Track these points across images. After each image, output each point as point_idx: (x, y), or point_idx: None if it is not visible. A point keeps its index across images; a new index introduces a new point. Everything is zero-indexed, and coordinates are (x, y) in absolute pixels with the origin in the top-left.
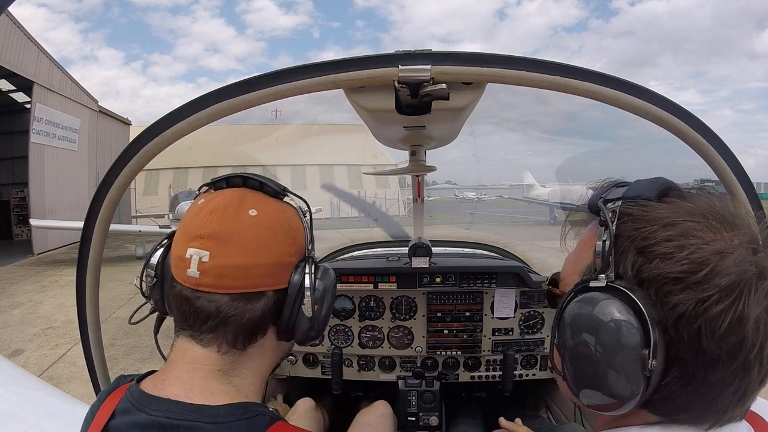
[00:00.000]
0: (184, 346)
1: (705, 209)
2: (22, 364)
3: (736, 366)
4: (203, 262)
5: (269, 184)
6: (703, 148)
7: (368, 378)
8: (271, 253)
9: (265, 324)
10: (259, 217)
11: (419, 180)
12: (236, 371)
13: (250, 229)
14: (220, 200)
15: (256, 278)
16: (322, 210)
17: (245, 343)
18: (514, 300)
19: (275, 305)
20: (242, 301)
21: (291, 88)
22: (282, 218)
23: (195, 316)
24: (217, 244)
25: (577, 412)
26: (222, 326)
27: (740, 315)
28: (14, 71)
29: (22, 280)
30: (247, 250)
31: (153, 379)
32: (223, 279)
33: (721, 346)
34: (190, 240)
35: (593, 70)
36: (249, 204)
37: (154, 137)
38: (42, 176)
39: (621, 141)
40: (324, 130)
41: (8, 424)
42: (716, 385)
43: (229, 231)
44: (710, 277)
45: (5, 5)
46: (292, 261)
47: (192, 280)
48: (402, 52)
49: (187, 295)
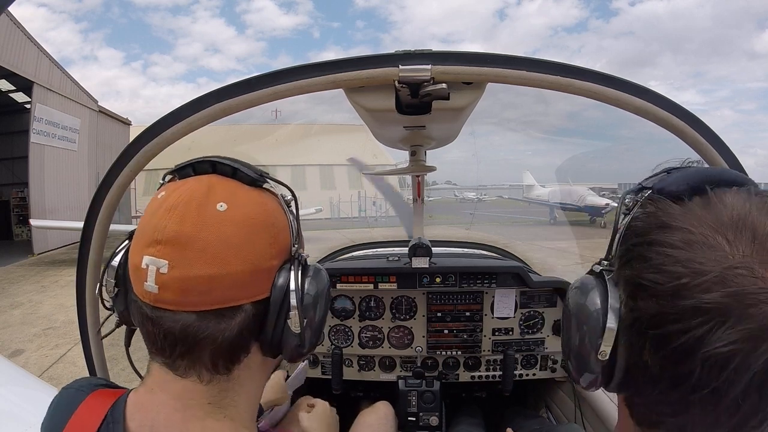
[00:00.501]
0: (162, 377)
1: (727, 218)
2: (22, 364)
3: (676, 398)
4: (161, 273)
5: (243, 169)
6: (704, 148)
7: (368, 378)
8: (246, 258)
9: (246, 342)
10: (230, 213)
11: (419, 180)
12: (228, 401)
13: (218, 229)
14: (182, 193)
15: (228, 291)
16: (322, 210)
17: (228, 366)
18: (514, 300)
19: (255, 319)
20: (213, 320)
21: (291, 88)
22: (259, 212)
23: (162, 339)
24: (177, 251)
25: (577, 412)
26: (194, 351)
27: (693, 345)
28: (14, 71)
29: (22, 280)
30: (215, 256)
31: (137, 416)
32: (187, 294)
33: (662, 368)
34: (146, 246)
35: (594, 70)
36: (217, 196)
37: (154, 137)
38: (42, 176)
39: (621, 141)
40: (324, 130)
41: (8, 424)
42: (658, 408)
43: (191, 234)
44: (677, 295)
45: (5, 5)
46: (273, 264)
47: (151, 296)
48: (402, 52)
49: (148, 313)
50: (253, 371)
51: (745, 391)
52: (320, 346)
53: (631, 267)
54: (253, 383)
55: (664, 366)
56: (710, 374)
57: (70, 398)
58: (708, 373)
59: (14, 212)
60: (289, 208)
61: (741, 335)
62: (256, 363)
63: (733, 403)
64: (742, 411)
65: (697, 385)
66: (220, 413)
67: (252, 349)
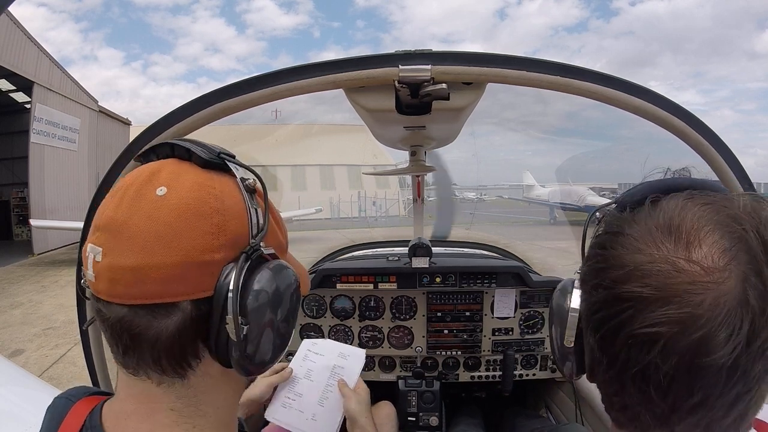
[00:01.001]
0: (123, 379)
1: (661, 221)
2: (22, 364)
3: (614, 377)
4: (96, 261)
5: (198, 150)
6: (704, 148)
7: (368, 378)
8: (178, 248)
9: (191, 346)
10: (167, 198)
11: (419, 180)
12: (192, 409)
13: (150, 215)
14: (128, 177)
15: (156, 284)
16: (322, 210)
17: (176, 368)
18: (514, 300)
19: (198, 321)
20: (145, 316)
21: (291, 88)
22: (202, 196)
23: (107, 331)
24: (109, 238)
25: (578, 412)
26: (134, 347)
27: (618, 328)
28: (14, 71)
29: (22, 280)
30: (142, 245)
31: (111, 423)
32: (115, 285)
33: (600, 349)
34: (91, 233)
35: (594, 70)
36: (160, 180)
37: (154, 137)
38: (42, 176)
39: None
40: (324, 131)
41: (8, 424)
42: (606, 389)
43: (122, 220)
44: (607, 287)
45: (5, 5)
46: (215, 258)
47: (91, 285)
48: (402, 52)
49: (95, 304)
50: (214, 380)
51: (674, 373)
52: None
53: (587, 266)
54: (220, 393)
55: (602, 347)
56: (637, 354)
57: (61, 407)
58: (635, 353)
59: (14, 212)
60: (253, 194)
61: (665, 319)
62: (216, 372)
63: (663, 383)
64: (673, 392)
65: (625, 364)
66: (188, 423)
67: (204, 356)
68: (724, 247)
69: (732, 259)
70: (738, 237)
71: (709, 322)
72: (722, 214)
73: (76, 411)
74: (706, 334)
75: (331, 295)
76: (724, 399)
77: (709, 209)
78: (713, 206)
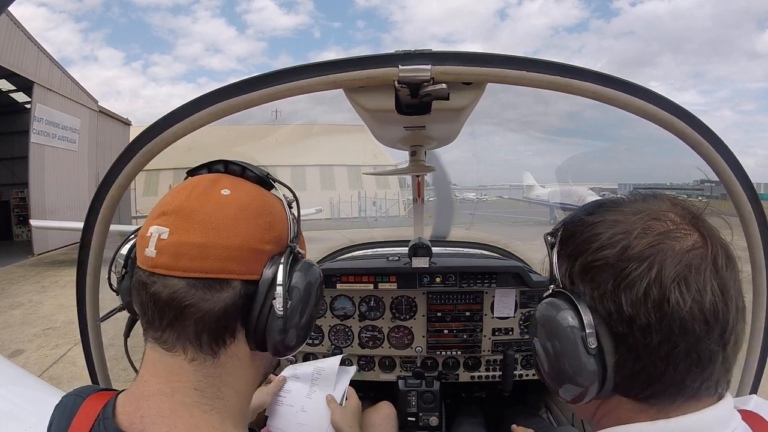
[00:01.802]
0: (152, 357)
1: (620, 205)
2: (22, 364)
3: (669, 328)
4: (161, 239)
5: (252, 169)
6: (704, 148)
7: (368, 378)
8: (239, 234)
9: (232, 323)
10: (231, 197)
11: (419, 180)
12: (214, 390)
13: (218, 206)
14: (192, 180)
15: (218, 261)
16: (322, 210)
17: (212, 345)
18: (514, 300)
19: (243, 300)
20: (201, 289)
21: (291, 88)
22: (258, 200)
23: (152, 306)
24: (178, 220)
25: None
26: (180, 320)
27: (655, 278)
28: (14, 71)
29: (22, 280)
30: (211, 227)
31: (129, 407)
32: (179, 259)
33: (646, 310)
34: (154, 218)
35: (594, 71)
36: (223, 184)
37: (154, 137)
38: (42, 176)
39: (621, 141)
40: (324, 131)
41: (8, 424)
42: (660, 352)
43: (194, 207)
44: (621, 252)
45: (5, 5)
46: (266, 249)
47: (149, 261)
48: (402, 52)
49: (144, 279)
50: (241, 362)
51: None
52: (320, 346)
53: (576, 264)
54: (243, 378)
55: (643, 307)
56: (681, 293)
57: (71, 404)
58: (680, 292)
59: (14, 212)
60: (290, 209)
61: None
62: (245, 354)
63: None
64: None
65: (677, 307)
66: (207, 404)
67: (238, 336)
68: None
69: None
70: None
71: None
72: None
73: (88, 406)
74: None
75: (331, 295)
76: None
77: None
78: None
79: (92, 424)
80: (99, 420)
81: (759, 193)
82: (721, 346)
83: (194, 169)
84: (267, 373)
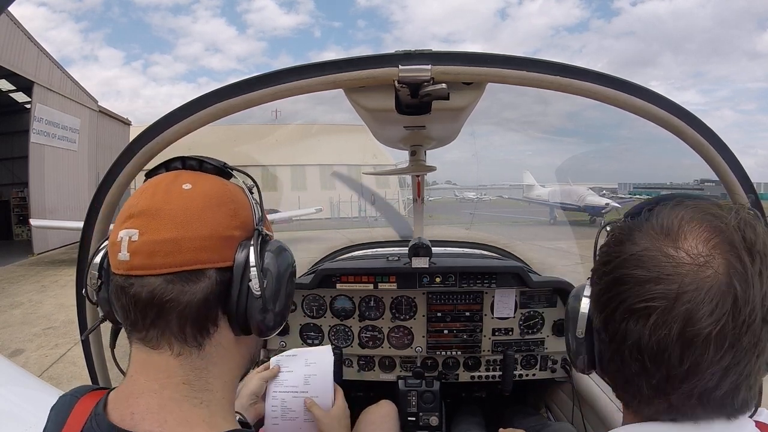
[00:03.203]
0: (139, 357)
1: (656, 224)
2: (22, 364)
3: (615, 350)
4: (132, 241)
5: (208, 161)
6: (704, 148)
7: (368, 378)
8: (207, 223)
9: (213, 312)
10: (193, 190)
11: (419, 180)
12: (202, 382)
13: (182, 201)
14: (152, 180)
15: (190, 253)
16: (322, 210)
17: (197, 336)
18: (514, 300)
19: (220, 287)
20: (179, 283)
21: (291, 88)
22: (220, 190)
23: (133, 308)
24: (146, 220)
25: (576, 412)
26: (162, 316)
27: (617, 305)
28: (14, 71)
29: (22, 280)
30: (178, 222)
31: (120, 405)
32: (153, 257)
33: (605, 329)
34: (121, 223)
35: (594, 71)
36: (183, 179)
37: (154, 137)
38: (42, 176)
39: (621, 141)
40: (324, 130)
41: (8, 424)
42: (609, 366)
43: (159, 206)
44: (607, 273)
45: (5, 5)
46: (234, 235)
47: (124, 265)
48: (402, 52)
49: (122, 284)
50: (226, 350)
51: (665, 342)
52: (320, 346)
53: (596, 265)
54: (228, 366)
55: (605, 324)
56: (634, 326)
57: (66, 403)
58: (632, 325)
59: (14, 212)
60: (252, 195)
61: (656, 295)
62: (228, 341)
63: (656, 352)
64: (665, 361)
65: (624, 337)
66: (196, 398)
67: (220, 324)
68: (707, 237)
69: (714, 247)
70: (719, 230)
71: (695, 297)
72: (705, 212)
73: (82, 404)
74: (692, 307)
75: (331, 295)
76: (714, 368)
77: (693, 210)
78: (697, 208)
79: (85, 420)
80: (91, 417)
81: (759, 192)
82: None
83: (152, 170)
84: (253, 359)
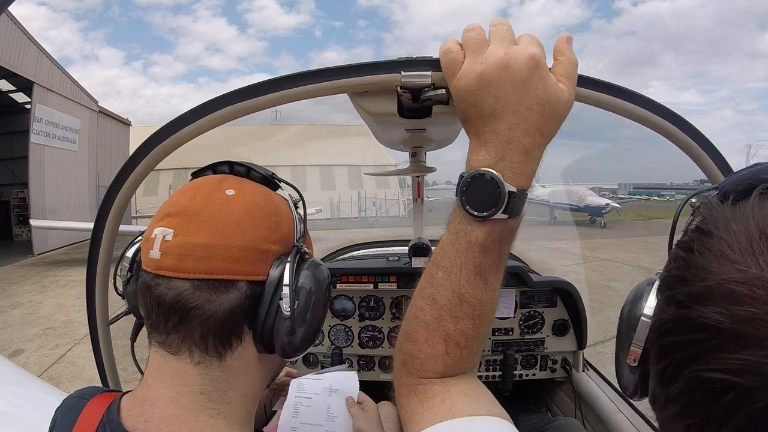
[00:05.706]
0: (156, 361)
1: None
2: (22, 364)
3: (667, 418)
4: (166, 240)
5: (257, 169)
6: (693, 150)
7: (368, 378)
8: (245, 234)
9: (238, 325)
10: (236, 197)
11: (419, 181)
12: (220, 394)
13: (223, 207)
14: (196, 182)
15: (223, 262)
16: (322, 210)
17: (219, 348)
18: (514, 300)
19: (249, 301)
20: (206, 291)
21: (298, 93)
22: (264, 200)
23: (156, 309)
24: (183, 221)
25: (577, 413)
26: (185, 322)
27: (686, 361)
28: (14, 71)
29: (22, 280)
30: (216, 228)
31: (133, 411)
32: (184, 260)
33: (662, 383)
34: (158, 220)
35: (584, 75)
36: (228, 185)
37: (165, 139)
38: (42, 176)
39: (621, 141)
40: (324, 131)
41: (8, 424)
42: (663, 427)
43: (198, 208)
44: (680, 304)
45: (5, 5)
46: (272, 249)
47: (153, 263)
48: (404, 59)
49: (148, 282)
50: (248, 365)
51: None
52: (320, 346)
53: (665, 271)
54: (250, 380)
55: (661, 381)
56: (700, 402)
57: (73, 406)
58: (697, 399)
59: (14, 212)
60: (296, 209)
61: (743, 366)
62: (252, 357)
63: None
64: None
65: (684, 410)
66: (213, 409)
67: (245, 339)
68: None
69: None
70: None
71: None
72: None
73: (92, 407)
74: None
75: (330, 292)
76: None
77: None
78: None
79: (97, 425)
80: (104, 422)
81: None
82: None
83: (199, 171)
84: (274, 376)
